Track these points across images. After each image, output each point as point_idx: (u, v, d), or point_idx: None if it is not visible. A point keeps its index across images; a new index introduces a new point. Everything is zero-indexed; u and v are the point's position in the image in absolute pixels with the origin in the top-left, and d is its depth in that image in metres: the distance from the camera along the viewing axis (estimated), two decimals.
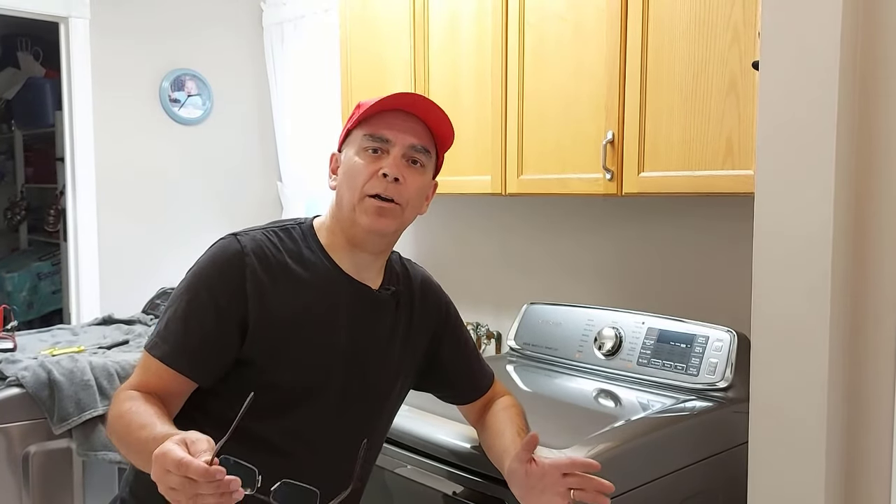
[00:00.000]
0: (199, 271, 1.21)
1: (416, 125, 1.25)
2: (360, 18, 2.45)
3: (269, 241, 1.24)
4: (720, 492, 1.56)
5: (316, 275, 1.25)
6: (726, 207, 1.89)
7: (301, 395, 1.22)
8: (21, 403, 2.09)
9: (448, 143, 1.31)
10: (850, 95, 1.04)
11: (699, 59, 1.62)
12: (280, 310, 1.20)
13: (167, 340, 1.18)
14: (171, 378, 1.17)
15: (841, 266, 1.06)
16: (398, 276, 1.36)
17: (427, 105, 1.26)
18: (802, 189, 1.08)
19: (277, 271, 1.21)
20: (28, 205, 4.88)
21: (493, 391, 1.44)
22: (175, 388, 1.18)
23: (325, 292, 1.24)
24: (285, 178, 3.41)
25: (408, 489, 1.53)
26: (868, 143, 1.04)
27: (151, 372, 1.18)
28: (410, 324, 1.35)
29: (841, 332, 1.07)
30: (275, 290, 1.20)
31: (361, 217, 1.22)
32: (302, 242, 1.27)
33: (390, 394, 1.33)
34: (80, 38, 3.07)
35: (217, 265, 1.20)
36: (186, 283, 1.21)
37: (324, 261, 1.26)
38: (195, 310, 1.18)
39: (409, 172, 1.24)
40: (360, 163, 1.23)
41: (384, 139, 1.23)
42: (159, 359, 1.17)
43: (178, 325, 1.18)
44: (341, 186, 1.26)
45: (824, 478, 1.08)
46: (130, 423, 1.10)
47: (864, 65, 1.04)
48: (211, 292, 1.18)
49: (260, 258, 1.21)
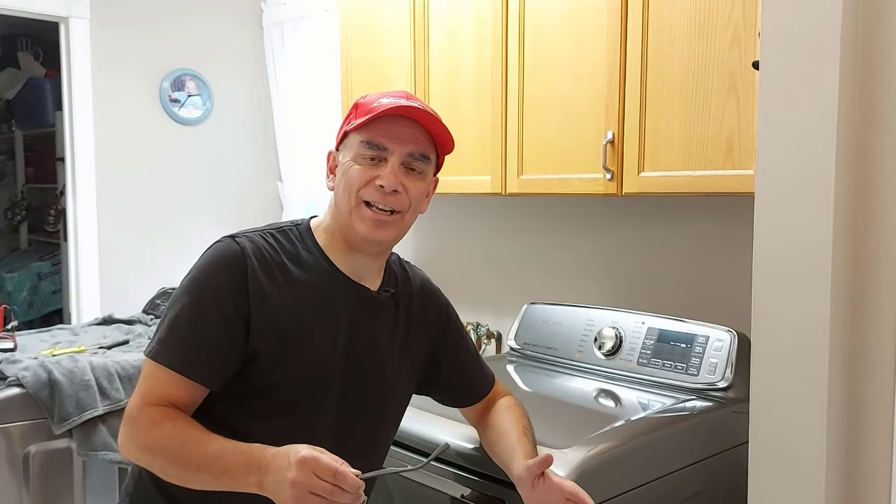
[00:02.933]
0: (199, 275, 1.19)
1: (415, 131, 1.22)
2: (360, 19, 2.45)
3: (266, 243, 1.23)
4: (720, 492, 1.55)
5: (314, 276, 1.24)
6: (726, 207, 1.89)
7: (301, 396, 1.21)
8: (21, 403, 2.09)
9: (448, 148, 1.29)
10: (850, 95, 1.04)
11: (699, 59, 1.62)
12: (280, 311, 1.19)
13: (173, 348, 1.15)
14: (187, 387, 1.15)
15: (841, 266, 1.06)
16: (397, 278, 1.35)
17: (426, 116, 1.23)
18: (802, 189, 1.08)
19: (276, 273, 1.21)
20: (28, 205, 4.88)
21: (494, 392, 1.44)
22: (190, 397, 1.17)
23: (323, 294, 1.24)
24: (285, 178, 3.41)
25: (411, 491, 1.53)
26: (868, 143, 1.04)
27: (165, 383, 1.15)
28: (409, 325, 1.34)
29: (841, 333, 1.07)
30: (274, 292, 1.19)
31: (358, 224, 1.21)
32: (300, 244, 1.26)
33: (391, 394, 1.32)
34: (81, 38, 3.07)
35: (218, 267, 1.18)
36: (186, 287, 1.19)
37: (322, 262, 1.25)
38: (200, 315, 1.16)
39: (408, 180, 1.22)
40: (356, 169, 1.21)
41: (382, 147, 1.21)
42: (169, 367, 1.14)
43: (184, 331, 1.16)
44: (338, 190, 1.25)
45: (824, 478, 1.08)
46: (187, 442, 1.10)
47: (864, 65, 1.04)
48: (214, 295, 1.17)
49: (259, 260, 1.20)
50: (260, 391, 1.20)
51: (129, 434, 1.15)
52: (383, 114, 1.20)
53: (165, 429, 1.12)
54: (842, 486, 1.09)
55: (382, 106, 1.20)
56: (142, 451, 1.14)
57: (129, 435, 1.15)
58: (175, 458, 1.11)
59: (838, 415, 1.08)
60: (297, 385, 1.21)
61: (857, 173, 1.05)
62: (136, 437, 1.14)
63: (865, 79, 1.04)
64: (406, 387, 1.36)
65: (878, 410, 1.06)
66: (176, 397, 1.15)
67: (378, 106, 1.21)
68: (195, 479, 1.10)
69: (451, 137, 1.27)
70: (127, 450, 1.15)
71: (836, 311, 1.06)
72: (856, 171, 1.05)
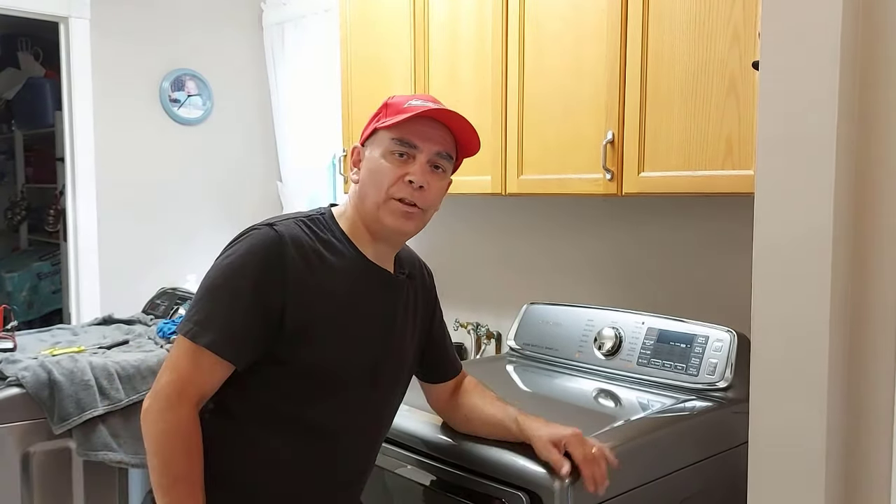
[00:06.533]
0: (237, 260, 1.22)
1: (442, 131, 1.30)
2: (360, 18, 2.45)
3: (301, 230, 1.27)
4: (720, 492, 1.55)
5: (345, 262, 1.29)
6: (726, 207, 1.89)
7: (340, 379, 1.28)
8: (21, 403, 2.09)
9: (471, 150, 1.36)
10: (850, 95, 1.04)
11: (699, 59, 1.62)
12: (318, 297, 1.24)
13: (211, 329, 1.19)
14: (221, 368, 1.20)
15: (841, 266, 1.06)
16: (402, 259, 1.42)
17: (458, 119, 1.30)
18: (802, 189, 1.08)
19: (314, 259, 1.25)
20: (28, 205, 4.88)
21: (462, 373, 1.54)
22: (220, 378, 1.22)
23: (355, 279, 1.29)
24: (285, 178, 3.41)
25: (407, 489, 1.53)
26: (868, 143, 1.04)
27: (205, 368, 1.19)
28: (417, 302, 1.42)
29: (841, 332, 1.07)
30: (312, 278, 1.23)
31: (387, 217, 1.28)
32: (328, 232, 1.31)
33: (408, 368, 1.41)
34: (81, 38, 3.07)
35: (257, 254, 1.21)
36: (223, 272, 1.22)
37: (350, 249, 1.31)
38: (238, 298, 1.20)
39: (433, 178, 1.29)
40: (386, 165, 1.27)
41: (412, 145, 1.27)
42: (206, 346, 1.18)
43: (222, 313, 1.20)
44: (365, 184, 1.30)
45: (824, 478, 1.08)
46: (189, 472, 1.18)
47: (864, 65, 1.04)
48: (253, 280, 1.20)
49: (297, 247, 1.24)
50: (302, 373, 1.25)
51: (156, 415, 1.19)
52: (417, 116, 1.26)
53: (193, 443, 1.19)
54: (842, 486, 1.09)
55: (415, 108, 1.27)
56: (155, 437, 1.18)
57: (155, 415, 1.19)
58: (167, 466, 1.18)
59: (838, 415, 1.08)
60: (335, 368, 1.27)
61: (857, 173, 1.05)
62: (161, 424, 1.18)
63: (865, 79, 1.04)
64: (414, 361, 1.44)
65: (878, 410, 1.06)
66: (210, 383, 1.21)
67: (410, 107, 1.28)
68: (163, 489, 1.17)
69: (478, 139, 1.34)
70: (149, 421, 1.19)
71: (836, 311, 1.06)
72: (856, 171, 1.05)
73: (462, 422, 1.46)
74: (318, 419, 1.27)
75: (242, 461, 1.26)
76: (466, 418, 1.45)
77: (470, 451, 1.43)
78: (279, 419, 1.25)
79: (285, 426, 1.26)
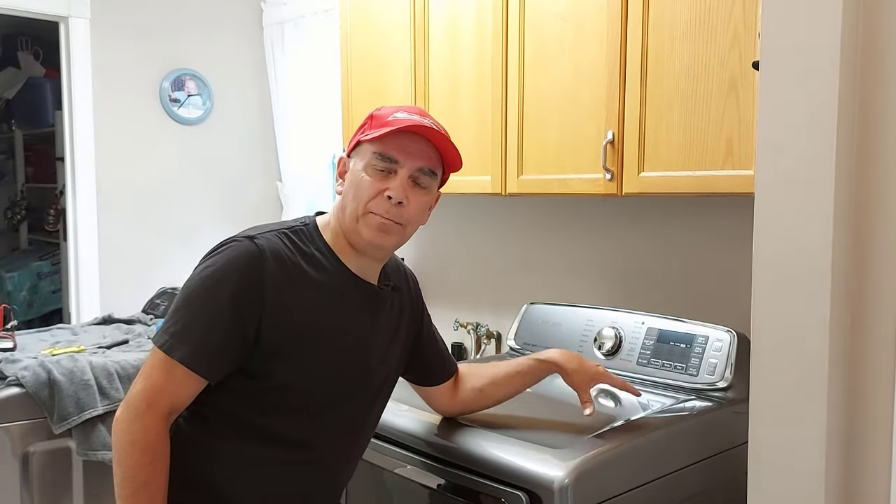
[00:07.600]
0: (216, 273, 1.20)
1: (425, 147, 1.27)
2: (360, 18, 2.45)
3: (282, 244, 1.24)
4: (720, 492, 1.55)
5: (327, 276, 1.27)
6: (726, 207, 1.89)
7: (317, 393, 1.26)
8: (21, 403, 2.09)
9: (456, 167, 1.33)
10: (850, 95, 1.04)
11: (699, 60, 1.62)
12: (297, 312, 1.22)
13: (186, 342, 1.17)
14: (194, 382, 1.19)
15: (841, 266, 1.06)
16: (388, 270, 1.40)
17: (439, 136, 1.28)
18: (802, 189, 1.08)
19: (294, 273, 1.23)
20: (28, 204, 4.88)
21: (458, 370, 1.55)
22: (193, 391, 1.20)
23: (337, 293, 1.27)
24: (285, 178, 3.41)
25: (407, 489, 1.53)
26: (868, 143, 1.04)
27: (177, 380, 1.17)
28: (402, 313, 1.40)
29: (841, 332, 1.07)
30: (292, 295, 1.21)
31: (364, 230, 1.26)
32: (311, 245, 1.29)
33: (391, 379, 1.40)
34: (81, 37, 3.07)
35: (236, 267, 1.19)
36: (202, 282, 1.20)
37: (333, 263, 1.29)
38: (215, 312, 1.18)
39: (413, 193, 1.27)
40: (367, 179, 1.25)
41: (394, 160, 1.25)
42: (180, 361, 1.16)
43: (197, 327, 1.18)
44: (346, 196, 1.28)
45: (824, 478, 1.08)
46: (150, 481, 1.16)
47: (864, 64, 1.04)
48: (231, 294, 1.18)
49: (277, 260, 1.21)
50: (277, 388, 1.23)
51: (125, 424, 1.17)
52: (399, 130, 1.24)
53: (156, 457, 1.17)
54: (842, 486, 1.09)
55: (398, 121, 1.25)
56: (122, 447, 1.17)
57: (124, 425, 1.18)
58: (131, 477, 1.16)
59: (838, 415, 1.08)
60: (313, 382, 1.25)
61: (858, 173, 1.05)
62: (128, 435, 1.17)
63: (865, 79, 1.04)
64: (398, 370, 1.43)
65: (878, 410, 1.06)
66: (182, 396, 1.19)
67: (394, 120, 1.25)
68: (123, 499, 1.16)
69: (460, 157, 1.32)
70: (117, 431, 1.18)
71: (836, 311, 1.06)
72: (856, 172, 1.05)
73: (476, 399, 1.49)
74: (294, 433, 1.25)
75: (215, 466, 1.24)
76: (480, 392, 1.48)
77: (470, 450, 1.42)
78: (253, 429, 1.23)
79: (259, 436, 1.24)
